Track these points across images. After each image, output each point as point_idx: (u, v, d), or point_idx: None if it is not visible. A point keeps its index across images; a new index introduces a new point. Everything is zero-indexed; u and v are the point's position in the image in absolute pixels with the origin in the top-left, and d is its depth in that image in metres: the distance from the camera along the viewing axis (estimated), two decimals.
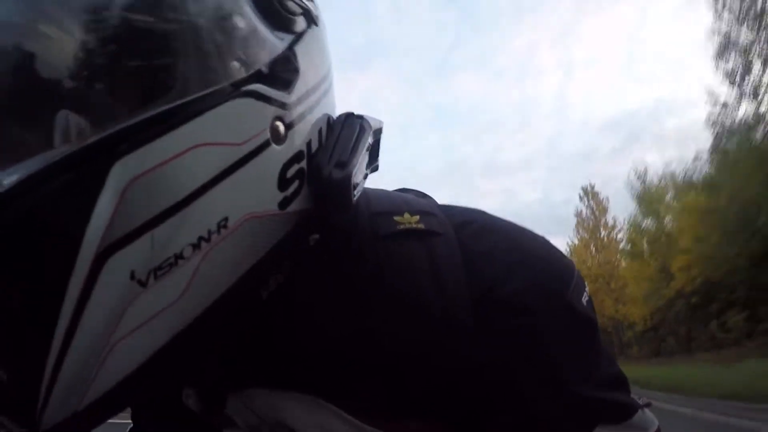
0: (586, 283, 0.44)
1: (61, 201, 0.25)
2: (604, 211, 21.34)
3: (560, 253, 0.45)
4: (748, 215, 12.15)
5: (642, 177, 19.46)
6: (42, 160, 0.25)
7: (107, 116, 0.26)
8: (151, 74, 0.28)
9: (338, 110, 0.43)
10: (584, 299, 0.42)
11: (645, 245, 19.48)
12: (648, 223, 19.48)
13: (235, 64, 0.31)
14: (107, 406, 0.28)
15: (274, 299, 0.39)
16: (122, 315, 0.27)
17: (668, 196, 18.61)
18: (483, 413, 0.40)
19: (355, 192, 0.37)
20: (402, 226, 0.42)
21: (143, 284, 0.27)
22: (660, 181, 19.05)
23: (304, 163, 0.35)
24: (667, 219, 18.54)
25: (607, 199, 21.46)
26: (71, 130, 0.26)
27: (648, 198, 19.06)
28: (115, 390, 0.28)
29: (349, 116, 0.41)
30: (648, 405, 0.44)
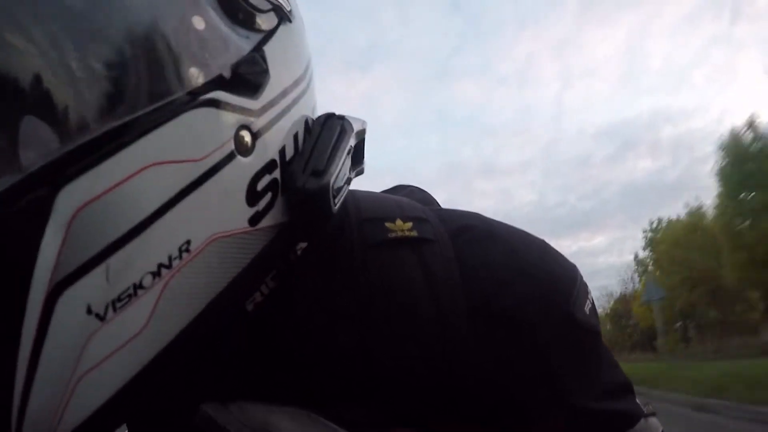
0: (589, 289, 0.41)
1: (5, 241, 0.23)
2: None
3: (562, 259, 0.42)
4: None
5: None
6: None
7: (48, 141, 0.24)
8: (94, 89, 0.25)
9: (335, 110, 0.40)
10: (587, 307, 0.39)
11: None
12: None
13: (193, 70, 0.28)
14: None
15: (263, 310, 0.37)
16: (83, 350, 0.25)
17: None
18: (481, 426, 0.38)
19: (336, 200, 0.35)
20: (393, 234, 0.39)
21: (101, 318, 0.25)
22: None
23: (277, 173, 0.33)
24: None
25: None
26: (9, 159, 0.24)
27: None
28: (86, 424, 0.27)
29: (329, 117, 0.38)
30: (653, 414, 0.42)
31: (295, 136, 0.35)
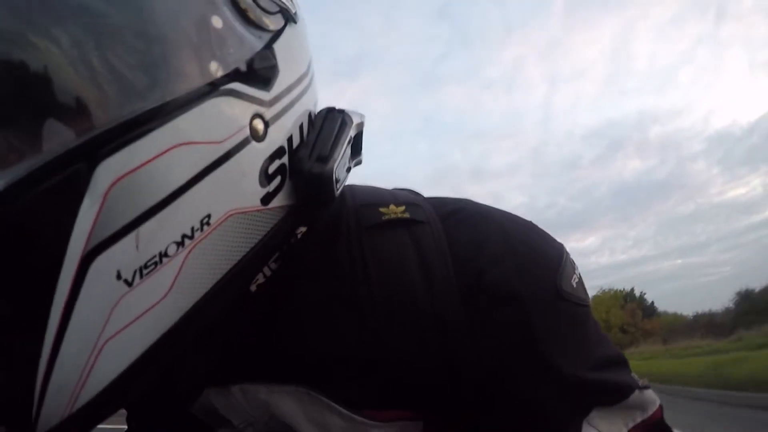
0: (576, 265, 0.43)
1: (46, 207, 0.25)
2: None
3: (548, 237, 0.44)
4: None
5: None
6: (25, 167, 0.25)
7: (89, 120, 0.27)
8: (130, 77, 0.28)
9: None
10: (574, 281, 0.41)
11: None
12: None
13: (213, 63, 0.31)
14: (101, 406, 0.29)
15: (264, 292, 0.39)
16: (110, 314, 0.27)
17: None
18: (476, 401, 0.40)
19: (338, 185, 0.38)
20: (387, 217, 0.42)
21: (129, 284, 0.28)
22: None
23: (285, 159, 0.36)
24: None
25: None
26: (53, 136, 0.26)
27: None
28: (107, 390, 0.28)
29: (330, 111, 0.41)
30: (647, 387, 0.43)
31: (301, 127, 0.38)
